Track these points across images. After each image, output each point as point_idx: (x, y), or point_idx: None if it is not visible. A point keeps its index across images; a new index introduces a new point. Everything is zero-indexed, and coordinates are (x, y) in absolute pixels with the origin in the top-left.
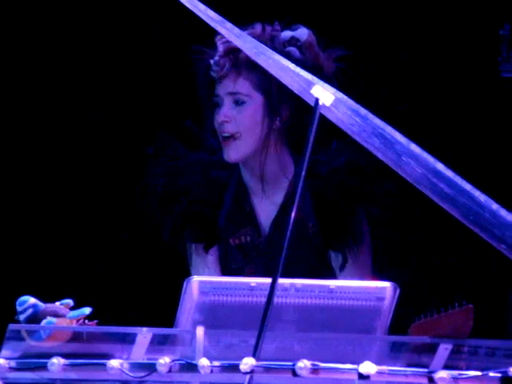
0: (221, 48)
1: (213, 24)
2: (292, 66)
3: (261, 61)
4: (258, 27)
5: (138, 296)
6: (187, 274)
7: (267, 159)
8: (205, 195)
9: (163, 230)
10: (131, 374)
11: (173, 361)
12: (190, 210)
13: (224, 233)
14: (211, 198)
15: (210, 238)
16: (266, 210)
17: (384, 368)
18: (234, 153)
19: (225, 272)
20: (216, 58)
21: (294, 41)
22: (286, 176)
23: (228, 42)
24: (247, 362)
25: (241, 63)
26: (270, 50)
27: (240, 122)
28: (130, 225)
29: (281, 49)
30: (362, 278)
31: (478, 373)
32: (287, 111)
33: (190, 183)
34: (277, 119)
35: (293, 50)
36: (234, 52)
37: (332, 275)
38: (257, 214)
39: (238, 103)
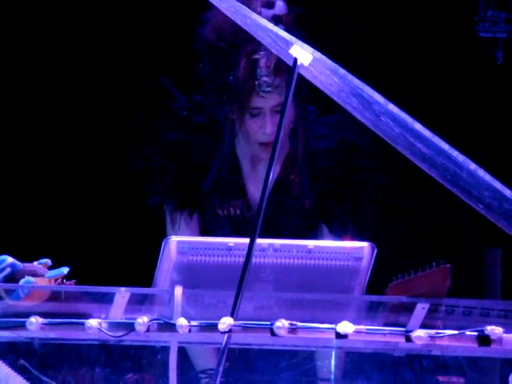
0: (270, 64)
1: None
2: (270, 25)
3: (239, 20)
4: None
5: (116, 256)
6: (165, 233)
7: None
8: (194, 160)
9: (149, 193)
10: (109, 333)
11: (151, 320)
12: (178, 175)
13: (210, 201)
14: (200, 163)
15: (193, 204)
16: (258, 183)
17: (361, 327)
18: (268, 154)
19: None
20: (263, 78)
21: (277, 18)
22: (281, 154)
23: (270, 56)
24: (225, 322)
25: (283, 76)
26: (248, 10)
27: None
28: (108, 184)
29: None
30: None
31: (455, 332)
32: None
33: (178, 146)
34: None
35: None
36: (280, 67)
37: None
38: (248, 187)
39: (278, 113)
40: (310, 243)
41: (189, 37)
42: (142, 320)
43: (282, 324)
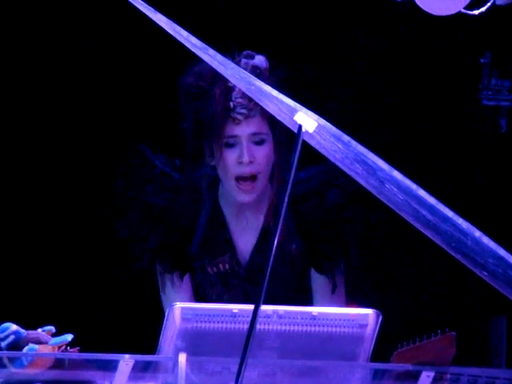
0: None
1: (195, 50)
2: (275, 92)
3: (243, 87)
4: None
5: (120, 323)
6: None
7: (260, 189)
8: (177, 222)
9: (136, 259)
10: None
11: None
12: (164, 239)
13: (199, 261)
14: (184, 225)
15: (183, 266)
16: (245, 236)
17: None
18: (250, 195)
19: (203, 301)
20: (238, 99)
21: (256, 70)
22: (264, 201)
23: (257, 71)
24: None
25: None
26: (253, 77)
27: (261, 162)
28: (109, 250)
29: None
30: (337, 302)
31: None
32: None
33: (163, 209)
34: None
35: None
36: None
37: (310, 296)
38: (235, 240)
39: (259, 143)
40: (315, 310)
41: (168, 99)
42: None
43: None
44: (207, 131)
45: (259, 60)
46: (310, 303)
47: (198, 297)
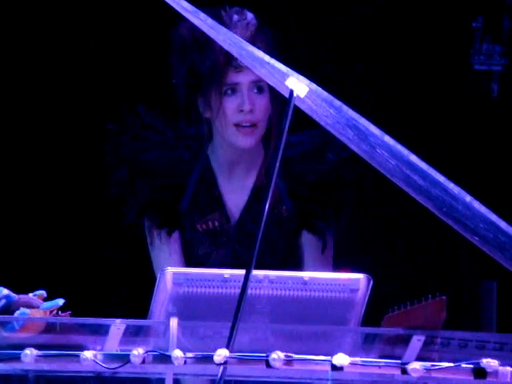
0: (247, 34)
1: (186, 14)
2: (267, 57)
3: (234, 52)
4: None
5: (112, 287)
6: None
7: (253, 147)
8: (168, 179)
9: (126, 214)
10: (105, 365)
11: (146, 352)
12: (153, 194)
13: (189, 218)
14: (174, 181)
15: (172, 222)
16: (235, 194)
17: (357, 359)
18: (250, 142)
19: (190, 258)
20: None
21: (249, 26)
22: (256, 162)
23: (250, 29)
24: (221, 354)
25: (264, 49)
26: (244, 41)
27: (260, 110)
28: (102, 214)
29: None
30: (325, 265)
31: (451, 364)
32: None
33: (152, 166)
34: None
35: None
36: (256, 38)
37: (300, 259)
38: (225, 198)
39: (260, 91)
40: (306, 275)
41: (159, 55)
42: (138, 352)
43: (277, 356)
44: (205, 82)
45: (250, 16)
46: (299, 267)
47: (187, 255)
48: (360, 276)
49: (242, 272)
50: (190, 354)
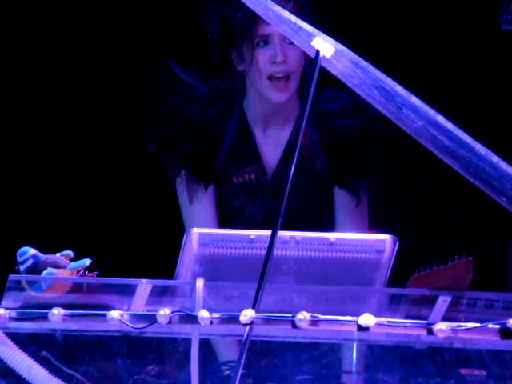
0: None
1: None
2: (293, 17)
3: (261, 12)
4: None
5: (138, 247)
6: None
7: (288, 101)
8: (205, 132)
9: (167, 168)
10: (131, 325)
11: (172, 312)
12: (193, 149)
13: (225, 170)
14: (212, 134)
15: (209, 175)
16: (271, 147)
17: (383, 320)
18: (285, 93)
19: (225, 211)
20: None
21: None
22: (292, 115)
23: None
24: (247, 314)
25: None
26: (270, 1)
27: (293, 62)
28: (129, 175)
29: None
30: (359, 225)
31: (477, 324)
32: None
33: (190, 121)
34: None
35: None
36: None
37: (332, 215)
38: (262, 151)
39: (291, 42)
40: (332, 236)
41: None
42: (164, 312)
43: (303, 316)
44: (237, 34)
45: None
46: (332, 222)
47: (221, 207)
48: (386, 237)
49: (268, 233)
50: (216, 315)
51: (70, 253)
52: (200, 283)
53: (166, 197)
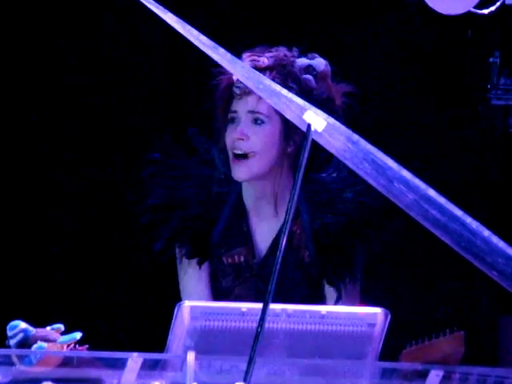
0: (249, 65)
1: (205, 49)
2: (284, 91)
3: (252, 86)
4: (282, 50)
5: (129, 321)
6: (179, 298)
7: (276, 183)
8: (201, 210)
9: (157, 240)
10: None
11: None
12: (186, 224)
13: (217, 250)
14: (208, 213)
15: (203, 254)
16: (263, 231)
17: None
18: (244, 172)
19: (214, 291)
20: None
21: (310, 69)
22: (285, 201)
23: (256, 60)
24: None
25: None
26: (262, 76)
27: (256, 141)
28: (120, 248)
29: (299, 75)
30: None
31: None
32: (300, 137)
33: (188, 196)
34: (290, 144)
35: (310, 78)
36: (260, 70)
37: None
38: (254, 234)
39: (257, 122)
40: (323, 309)
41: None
42: None
43: None
44: (215, 110)
45: (318, 61)
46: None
47: (211, 286)
48: (378, 310)
49: (260, 306)
50: None
51: (61, 326)
52: (191, 356)
53: (157, 269)
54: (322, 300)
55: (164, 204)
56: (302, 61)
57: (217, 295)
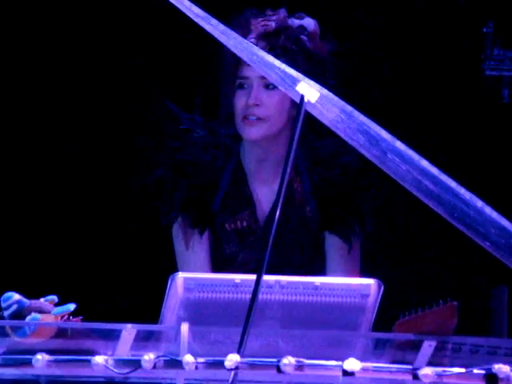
0: (260, 30)
1: (197, 20)
2: (277, 62)
3: (245, 57)
4: (283, 13)
5: (123, 292)
6: (172, 269)
7: (280, 146)
8: (201, 178)
9: (164, 213)
10: (116, 371)
11: (157, 357)
12: (190, 194)
13: (219, 217)
14: (207, 180)
15: (204, 222)
16: (264, 195)
17: (368, 365)
18: (255, 131)
19: (218, 258)
20: (252, 39)
21: (301, 29)
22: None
23: (267, 24)
24: (232, 359)
25: (277, 48)
26: (256, 47)
27: (269, 106)
28: (114, 218)
29: (294, 35)
30: (350, 271)
31: (462, 370)
32: None
33: (190, 165)
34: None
35: (305, 38)
36: (272, 35)
37: (324, 261)
38: (255, 198)
39: (269, 87)
40: (317, 280)
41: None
42: (149, 357)
43: (288, 361)
44: (223, 76)
45: (308, 21)
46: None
47: (214, 254)
48: (371, 281)
49: (253, 277)
50: (201, 359)
51: (55, 298)
52: (185, 328)
53: (150, 241)
54: (322, 256)
55: (167, 175)
56: (292, 21)
57: (222, 262)
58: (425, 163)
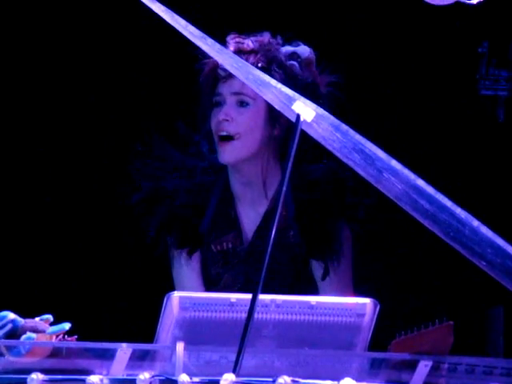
0: (232, 47)
1: (193, 39)
2: (273, 81)
3: (241, 76)
4: (267, 36)
5: (118, 311)
6: (168, 288)
7: (263, 167)
8: (189, 200)
9: (147, 232)
10: None
11: (153, 376)
12: (175, 214)
13: (207, 238)
14: (196, 202)
15: (193, 243)
16: (250, 217)
17: None
18: (228, 154)
19: (204, 278)
20: None
21: (295, 56)
22: (272, 185)
23: (240, 42)
24: (227, 378)
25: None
26: (251, 66)
27: (241, 123)
28: (109, 239)
29: (284, 61)
30: (342, 290)
31: None
32: (286, 121)
33: (175, 187)
34: (276, 127)
35: (295, 64)
36: (244, 53)
37: (313, 285)
38: (241, 221)
39: (242, 104)
40: (313, 299)
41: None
42: (144, 376)
43: (284, 380)
44: (200, 95)
45: (303, 49)
46: (310, 291)
47: (202, 274)
48: (367, 301)
49: (249, 296)
50: (196, 379)
51: (50, 317)
52: (180, 347)
53: (146, 260)
54: (310, 281)
55: (152, 196)
56: (287, 48)
57: (207, 283)
58: (420, 182)
